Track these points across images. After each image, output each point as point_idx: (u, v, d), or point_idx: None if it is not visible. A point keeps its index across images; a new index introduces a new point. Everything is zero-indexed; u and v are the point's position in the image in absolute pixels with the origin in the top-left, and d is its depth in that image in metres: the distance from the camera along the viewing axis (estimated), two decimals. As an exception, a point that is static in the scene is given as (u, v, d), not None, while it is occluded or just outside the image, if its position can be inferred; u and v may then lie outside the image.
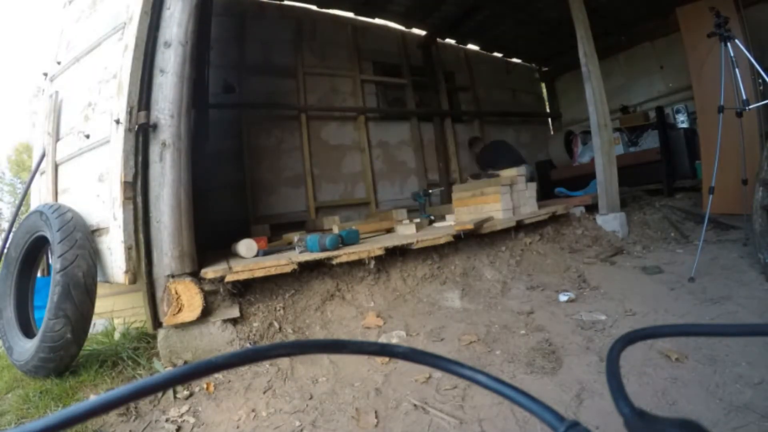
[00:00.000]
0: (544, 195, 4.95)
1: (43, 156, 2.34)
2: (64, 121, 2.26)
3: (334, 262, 2.01)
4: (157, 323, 1.74)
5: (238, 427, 1.32)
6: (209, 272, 1.77)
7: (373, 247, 2.12)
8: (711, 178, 2.42)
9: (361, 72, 4.63)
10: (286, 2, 4.29)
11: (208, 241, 2.54)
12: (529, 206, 3.13)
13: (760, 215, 2.19)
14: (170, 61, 1.84)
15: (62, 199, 2.17)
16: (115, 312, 2.28)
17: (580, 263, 2.65)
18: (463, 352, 1.69)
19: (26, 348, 1.65)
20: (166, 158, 1.79)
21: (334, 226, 2.98)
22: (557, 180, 5.15)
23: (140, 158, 1.77)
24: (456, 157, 5.08)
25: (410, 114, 4.90)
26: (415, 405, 1.34)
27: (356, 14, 4.68)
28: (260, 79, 3.96)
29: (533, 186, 3.26)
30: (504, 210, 2.88)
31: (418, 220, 2.80)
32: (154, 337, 1.77)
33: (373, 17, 4.80)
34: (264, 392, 1.48)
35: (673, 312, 1.90)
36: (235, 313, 1.80)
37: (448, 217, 3.24)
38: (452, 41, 5.52)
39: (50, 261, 2.22)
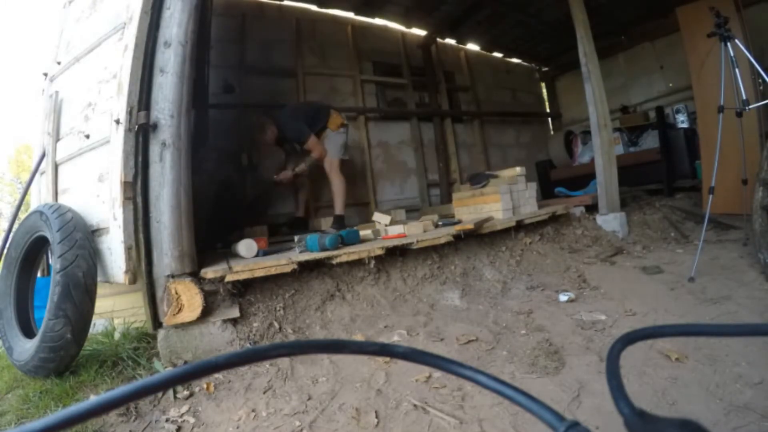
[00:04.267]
0: (544, 195, 4.96)
1: (43, 156, 2.34)
2: (64, 121, 2.26)
3: (334, 261, 2.01)
4: (157, 323, 1.74)
5: (238, 427, 1.32)
6: (209, 272, 1.77)
7: (373, 246, 2.12)
8: (711, 178, 2.42)
9: (361, 72, 4.62)
10: (285, 2, 4.29)
11: (208, 240, 2.54)
12: (529, 206, 3.13)
13: (760, 215, 2.19)
14: (170, 61, 1.83)
15: (62, 199, 2.17)
16: (115, 312, 2.28)
17: (580, 263, 2.65)
18: (463, 352, 1.69)
19: (26, 348, 1.65)
20: (166, 158, 1.79)
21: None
22: (557, 180, 5.15)
23: (140, 158, 1.77)
24: (456, 157, 5.08)
25: (410, 114, 4.90)
26: (415, 405, 1.34)
27: (356, 14, 4.68)
28: (260, 79, 3.96)
29: (533, 186, 3.26)
30: (504, 210, 2.88)
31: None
32: (154, 337, 1.77)
33: (373, 17, 4.80)
34: (264, 392, 1.48)
35: (673, 312, 1.90)
36: (235, 313, 1.80)
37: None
38: (452, 41, 5.51)
39: (50, 261, 2.22)
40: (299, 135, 3.18)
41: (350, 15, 4.67)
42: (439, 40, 5.17)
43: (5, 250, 2.06)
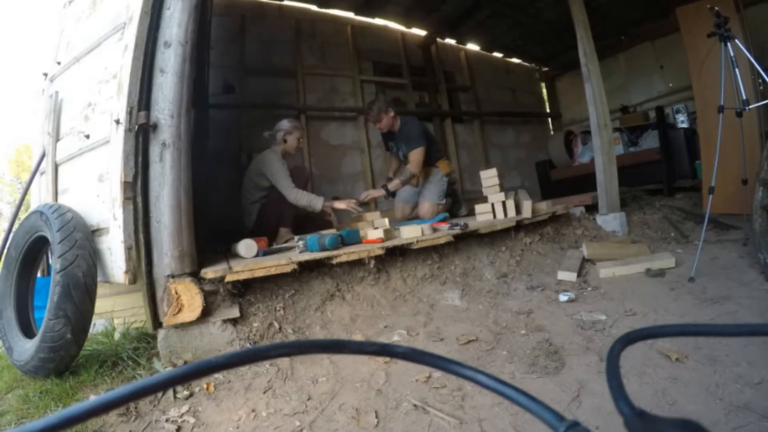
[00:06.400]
0: (544, 195, 4.96)
1: (43, 156, 2.34)
2: (64, 121, 2.26)
3: (334, 261, 2.01)
4: (157, 323, 1.74)
5: (238, 428, 1.32)
6: (209, 272, 1.77)
7: (373, 246, 2.12)
8: (711, 178, 2.42)
9: (360, 72, 4.62)
10: (285, 2, 4.29)
11: (208, 241, 2.54)
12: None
13: (760, 215, 2.19)
14: (170, 61, 1.83)
15: (62, 199, 2.17)
16: (115, 312, 2.28)
17: (580, 263, 2.65)
18: (463, 352, 1.69)
19: (26, 348, 1.65)
20: (166, 158, 1.79)
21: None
22: (557, 180, 5.15)
23: (140, 158, 1.77)
24: (456, 157, 5.08)
25: (410, 114, 4.90)
26: (415, 405, 1.34)
27: (356, 14, 4.68)
28: (260, 79, 3.97)
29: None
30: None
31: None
32: (154, 337, 1.77)
33: (373, 17, 4.80)
34: (264, 392, 1.48)
35: (673, 312, 1.90)
36: (235, 313, 1.80)
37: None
38: (452, 41, 5.51)
39: (50, 261, 2.22)
40: (415, 139, 3.15)
41: (350, 15, 4.67)
42: (439, 40, 5.17)
43: (5, 250, 2.06)
